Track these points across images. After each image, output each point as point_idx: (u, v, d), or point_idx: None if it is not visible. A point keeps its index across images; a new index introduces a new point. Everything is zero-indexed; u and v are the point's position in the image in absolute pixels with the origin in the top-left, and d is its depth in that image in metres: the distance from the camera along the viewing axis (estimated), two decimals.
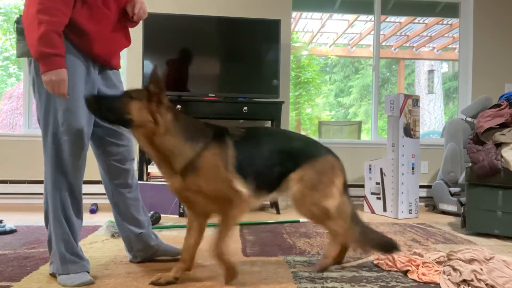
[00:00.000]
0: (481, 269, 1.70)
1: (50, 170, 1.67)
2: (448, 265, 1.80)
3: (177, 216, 3.26)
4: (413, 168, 3.53)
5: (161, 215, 3.03)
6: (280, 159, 1.74)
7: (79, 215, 1.76)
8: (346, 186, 1.88)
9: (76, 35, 1.63)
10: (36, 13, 1.48)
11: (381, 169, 3.61)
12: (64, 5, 1.54)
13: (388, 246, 1.96)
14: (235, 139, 1.68)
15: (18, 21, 1.64)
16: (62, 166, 1.67)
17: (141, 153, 3.41)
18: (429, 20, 6.39)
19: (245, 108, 3.53)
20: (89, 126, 1.73)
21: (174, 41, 3.70)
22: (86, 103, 1.56)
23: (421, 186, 3.75)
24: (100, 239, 2.47)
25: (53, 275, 1.72)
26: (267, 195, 1.77)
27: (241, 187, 1.63)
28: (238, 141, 1.68)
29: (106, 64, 1.79)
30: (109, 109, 1.56)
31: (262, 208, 3.78)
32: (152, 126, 1.56)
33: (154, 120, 1.55)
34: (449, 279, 1.71)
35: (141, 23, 3.48)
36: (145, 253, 1.96)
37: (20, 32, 1.62)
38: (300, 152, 1.79)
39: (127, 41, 1.88)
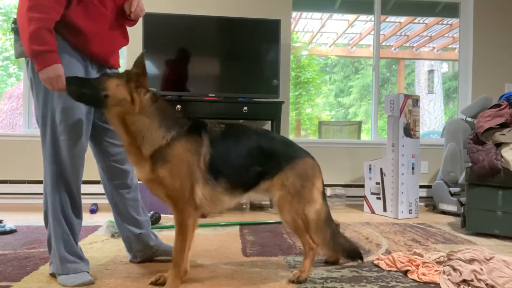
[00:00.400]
0: (481, 269, 1.70)
1: (49, 170, 1.67)
2: (448, 265, 1.80)
3: None
4: (413, 168, 3.53)
5: (161, 215, 3.03)
6: (258, 159, 1.70)
7: (79, 215, 1.76)
8: (323, 187, 1.85)
9: (72, 34, 1.63)
10: (27, 11, 1.48)
11: (381, 169, 3.61)
12: (55, 2, 1.53)
13: (354, 254, 1.96)
14: (212, 136, 1.65)
15: (14, 22, 1.63)
16: (61, 166, 1.67)
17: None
18: (429, 20, 6.38)
19: (245, 108, 3.53)
20: (87, 126, 1.72)
21: (174, 41, 3.70)
22: (66, 81, 1.53)
23: (421, 186, 3.75)
24: (100, 239, 2.47)
25: (53, 275, 1.72)
26: (242, 195, 1.73)
27: (200, 194, 1.60)
28: (215, 137, 1.65)
29: (104, 63, 1.79)
30: (86, 86, 1.54)
31: (262, 208, 3.79)
32: (128, 105, 1.54)
33: (131, 98, 1.54)
34: (449, 279, 1.71)
35: (140, 22, 3.49)
36: (145, 253, 1.96)
37: (16, 32, 1.62)
38: (280, 154, 1.74)
39: (125, 40, 1.88)
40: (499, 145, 2.75)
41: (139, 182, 1.98)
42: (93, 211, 3.37)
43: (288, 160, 1.74)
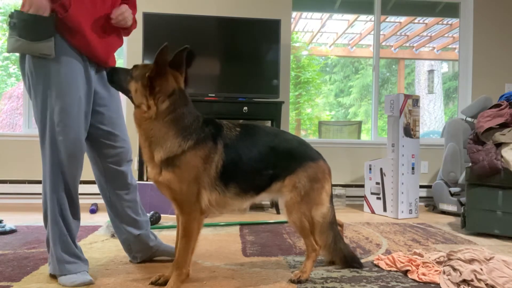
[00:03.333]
0: (481, 269, 1.70)
1: (47, 171, 1.66)
2: (448, 265, 1.80)
3: None
4: (413, 168, 3.53)
5: (161, 215, 3.03)
6: (271, 162, 1.69)
7: (76, 216, 1.75)
8: (332, 190, 1.85)
9: (73, 35, 1.63)
10: None
11: (381, 169, 3.61)
12: None
13: (352, 262, 1.94)
14: (227, 141, 1.63)
15: (12, 16, 1.59)
16: (60, 167, 1.66)
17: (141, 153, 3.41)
18: (429, 20, 6.38)
19: (245, 108, 3.54)
20: (85, 126, 1.71)
21: (174, 41, 3.67)
22: (107, 75, 1.66)
23: (421, 186, 3.75)
24: (100, 239, 2.47)
25: (52, 275, 1.72)
26: (254, 197, 1.72)
27: (206, 200, 1.59)
28: (229, 143, 1.63)
29: (103, 64, 1.78)
30: (118, 83, 1.63)
31: (262, 208, 3.78)
32: (144, 109, 1.55)
33: (147, 104, 1.54)
34: (449, 279, 1.71)
35: (140, 22, 3.48)
36: (145, 254, 1.96)
37: (13, 26, 1.59)
38: (293, 156, 1.73)
39: (120, 41, 1.88)
40: (499, 145, 2.75)
41: (139, 182, 1.97)
42: (93, 211, 3.37)
43: (301, 162, 1.73)
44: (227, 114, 3.56)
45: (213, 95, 3.66)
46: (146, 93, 1.54)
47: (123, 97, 1.82)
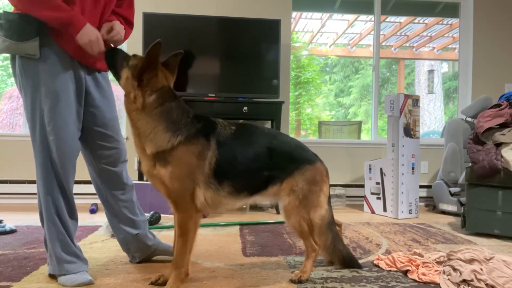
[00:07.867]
0: (481, 269, 1.70)
1: (40, 171, 1.66)
2: (448, 265, 1.80)
3: None
4: (413, 168, 3.53)
5: (161, 215, 3.03)
6: (267, 164, 1.67)
7: (73, 216, 1.75)
8: (329, 192, 1.85)
9: (62, 38, 1.62)
10: None
11: (381, 169, 3.61)
12: None
13: (351, 263, 1.94)
14: (220, 139, 1.62)
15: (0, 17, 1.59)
16: (52, 167, 1.65)
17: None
18: (429, 20, 6.38)
19: (245, 108, 3.54)
20: (77, 125, 1.70)
21: (174, 41, 3.69)
22: (105, 52, 1.65)
23: (421, 186, 3.75)
24: (100, 239, 2.47)
25: (52, 275, 1.72)
26: (247, 198, 1.71)
27: (202, 197, 1.58)
28: (223, 141, 1.62)
29: (91, 65, 1.75)
30: (114, 66, 1.63)
31: (262, 208, 3.78)
32: (131, 98, 1.56)
33: (134, 94, 1.55)
34: (449, 279, 1.71)
35: (141, 22, 3.48)
36: (143, 253, 1.96)
37: (0, 27, 1.58)
38: (290, 158, 1.71)
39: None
40: (499, 145, 2.75)
41: (139, 182, 1.97)
42: (93, 211, 3.36)
43: (298, 165, 1.72)
44: (227, 114, 3.56)
45: (213, 95, 3.66)
46: (134, 83, 1.55)
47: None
